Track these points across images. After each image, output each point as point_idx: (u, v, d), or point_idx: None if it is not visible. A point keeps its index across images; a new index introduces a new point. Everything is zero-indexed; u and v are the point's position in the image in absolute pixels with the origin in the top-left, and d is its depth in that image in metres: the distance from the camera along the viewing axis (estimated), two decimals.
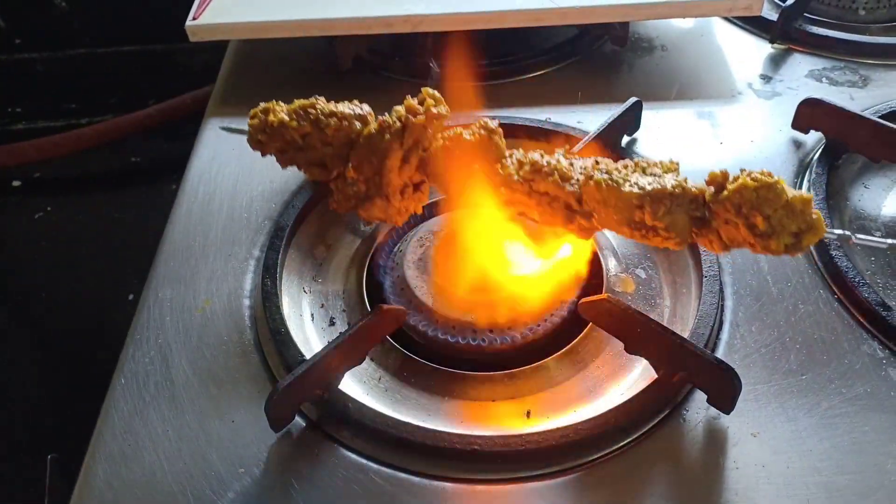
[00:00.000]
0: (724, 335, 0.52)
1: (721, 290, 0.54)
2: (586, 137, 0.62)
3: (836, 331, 0.52)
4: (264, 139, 0.53)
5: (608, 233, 0.61)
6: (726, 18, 0.83)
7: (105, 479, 0.45)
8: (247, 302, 0.55)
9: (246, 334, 0.53)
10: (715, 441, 0.46)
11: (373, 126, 0.51)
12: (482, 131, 0.49)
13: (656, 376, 0.48)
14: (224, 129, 0.66)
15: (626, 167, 0.46)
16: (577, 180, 0.47)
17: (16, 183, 1.15)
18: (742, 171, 0.43)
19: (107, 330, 0.90)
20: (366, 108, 0.53)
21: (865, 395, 0.48)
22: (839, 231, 0.46)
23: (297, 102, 0.53)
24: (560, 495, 0.44)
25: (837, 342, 0.51)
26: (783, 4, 0.79)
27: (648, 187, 0.44)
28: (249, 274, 0.57)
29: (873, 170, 0.65)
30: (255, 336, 0.53)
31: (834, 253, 0.55)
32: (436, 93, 0.51)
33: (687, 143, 0.67)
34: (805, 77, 0.75)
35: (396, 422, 0.46)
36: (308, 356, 0.48)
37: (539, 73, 0.76)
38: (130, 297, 0.92)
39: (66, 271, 1.02)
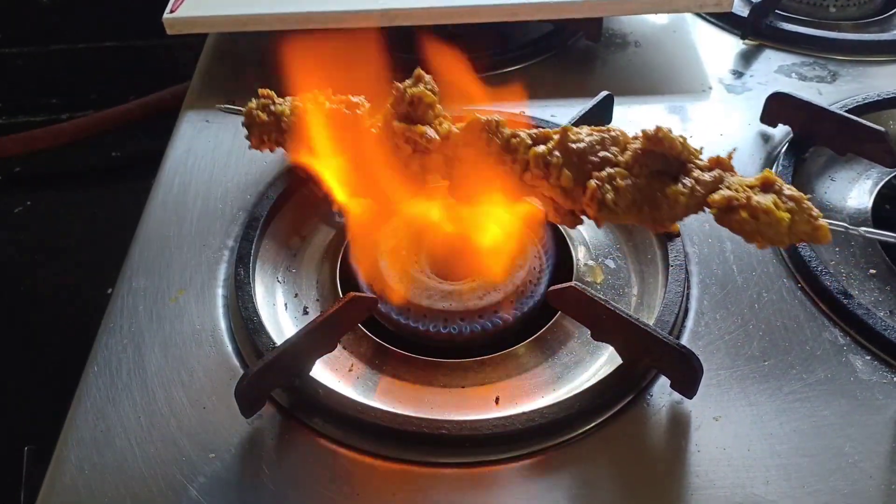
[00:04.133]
0: (689, 322, 0.53)
1: (687, 279, 0.55)
2: None
3: (798, 318, 0.53)
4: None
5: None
6: (699, 14, 0.84)
7: (77, 465, 0.46)
8: (220, 291, 0.56)
9: (219, 323, 0.54)
10: (678, 425, 0.47)
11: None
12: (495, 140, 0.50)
13: (622, 362, 0.49)
14: (220, 108, 0.66)
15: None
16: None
17: None
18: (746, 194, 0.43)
19: (85, 324, 0.90)
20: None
21: (826, 381, 0.49)
22: (844, 225, 0.50)
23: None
24: (526, 478, 0.45)
25: (800, 329, 0.52)
26: (754, 1, 0.80)
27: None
28: (223, 264, 0.58)
29: (839, 163, 0.66)
30: (229, 325, 0.54)
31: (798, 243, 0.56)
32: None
33: None
34: (775, 72, 0.76)
35: (365, 407, 0.47)
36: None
37: (514, 68, 0.77)
38: (109, 290, 0.92)
39: (44, 266, 1.02)
